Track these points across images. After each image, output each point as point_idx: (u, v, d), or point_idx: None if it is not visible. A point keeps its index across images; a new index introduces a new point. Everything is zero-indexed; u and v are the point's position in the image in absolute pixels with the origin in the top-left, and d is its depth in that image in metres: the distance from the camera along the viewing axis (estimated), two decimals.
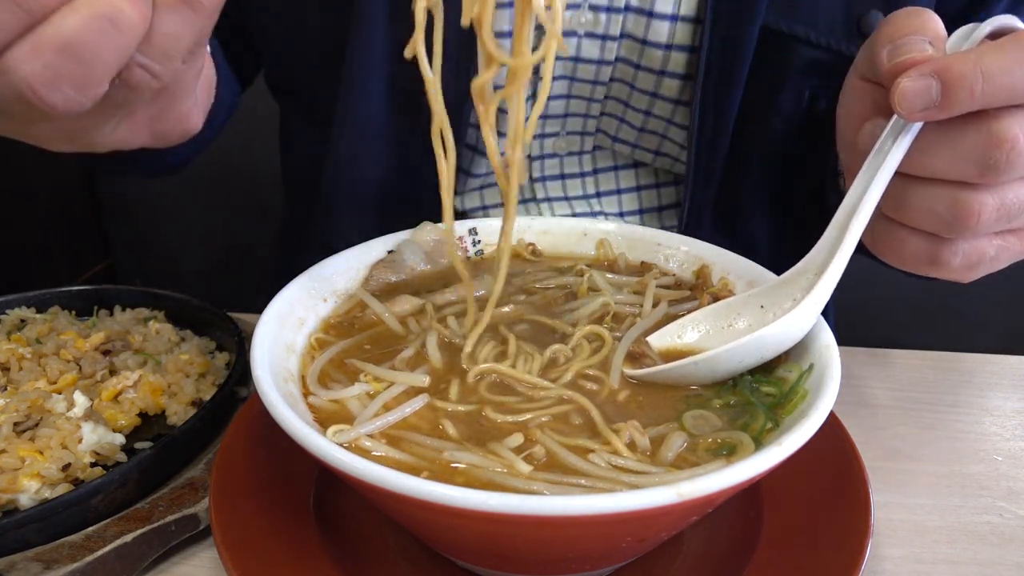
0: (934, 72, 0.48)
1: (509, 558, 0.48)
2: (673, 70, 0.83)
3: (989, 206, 0.50)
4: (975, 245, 0.54)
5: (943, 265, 0.55)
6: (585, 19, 0.81)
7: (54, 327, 0.80)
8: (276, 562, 0.53)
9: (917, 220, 0.54)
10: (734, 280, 0.68)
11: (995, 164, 0.48)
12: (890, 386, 0.84)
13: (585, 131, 0.93)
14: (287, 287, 0.61)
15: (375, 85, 0.84)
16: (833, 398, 0.49)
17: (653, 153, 0.93)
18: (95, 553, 0.55)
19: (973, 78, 0.47)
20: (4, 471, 0.59)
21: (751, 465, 0.42)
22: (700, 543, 0.57)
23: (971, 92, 0.47)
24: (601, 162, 0.96)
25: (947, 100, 0.48)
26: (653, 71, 0.84)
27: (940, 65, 0.48)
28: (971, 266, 0.55)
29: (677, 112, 0.87)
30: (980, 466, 0.72)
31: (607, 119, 0.91)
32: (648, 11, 0.80)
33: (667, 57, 0.82)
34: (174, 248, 1.78)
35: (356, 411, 0.53)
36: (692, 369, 0.56)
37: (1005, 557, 0.61)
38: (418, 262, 0.72)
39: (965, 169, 0.50)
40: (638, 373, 0.57)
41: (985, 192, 0.51)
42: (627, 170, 0.97)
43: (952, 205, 0.51)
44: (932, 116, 0.50)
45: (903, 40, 0.52)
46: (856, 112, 0.59)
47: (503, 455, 0.48)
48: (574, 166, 0.96)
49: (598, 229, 0.77)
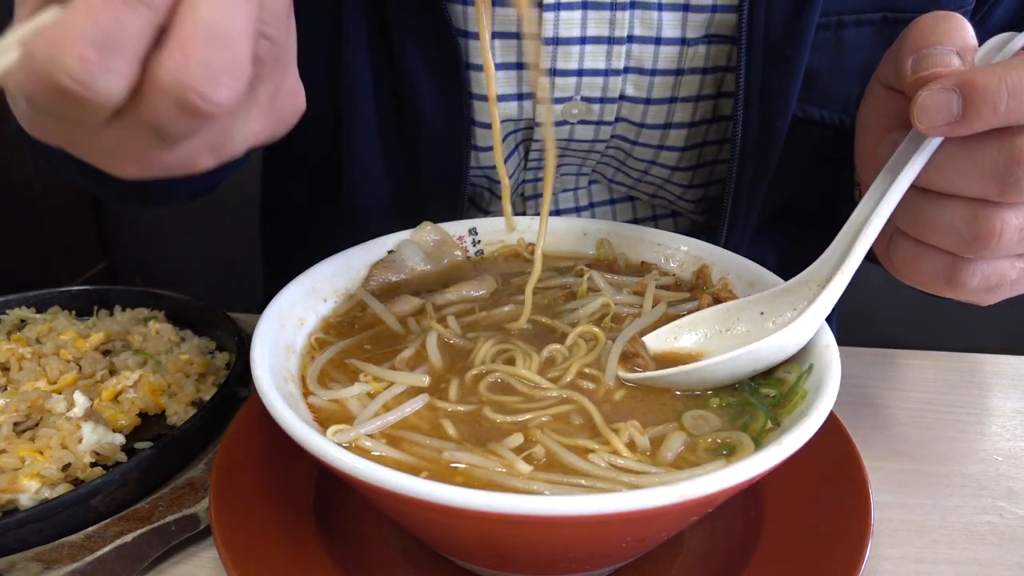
0: (957, 86, 0.46)
1: (509, 558, 0.48)
2: (672, 144, 0.82)
3: (1011, 225, 0.48)
4: (995, 266, 0.51)
5: (960, 286, 0.52)
6: (577, 110, 0.80)
7: (54, 327, 0.80)
8: (276, 562, 0.53)
9: (935, 237, 0.52)
10: (734, 280, 0.68)
11: (1017, 182, 0.46)
12: (890, 386, 0.84)
13: (581, 172, 0.92)
14: (287, 287, 0.61)
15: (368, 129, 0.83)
16: (833, 398, 0.49)
17: (650, 196, 0.93)
18: (95, 553, 0.55)
19: (998, 94, 0.44)
20: (4, 471, 0.59)
21: (751, 465, 0.42)
22: (700, 543, 0.57)
23: (994, 109, 0.45)
24: (597, 196, 0.96)
25: (968, 116, 0.46)
26: (651, 146, 0.83)
27: (963, 79, 0.46)
28: (990, 288, 0.52)
29: (675, 175, 0.86)
30: (980, 466, 0.72)
31: (604, 166, 0.90)
32: (645, 99, 0.79)
33: (666, 135, 0.81)
34: (174, 248, 1.78)
35: (356, 411, 0.53)
36: (683, 378, 0.55)
37: (1005, 557, 0.61)
38: (418, 262, 0.72)
39: (986, 186, 0.48)
40: (631, 377, 0.57)
41: (1007, 210, 0.48)
42: (624, 203, 0.96)
43: (972, 222, 0.49)
44: (952, 132, 0.47)
45: (929, 50, 0.50)
46: (876, 122, 0.57)
47: (503, 455, 0.48)
48: (569, 202, 0.95)
49: (598, 229, 0.77)
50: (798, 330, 0.54)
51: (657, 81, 0.78)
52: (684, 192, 0.90)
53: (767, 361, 0.55)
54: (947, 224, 0.50)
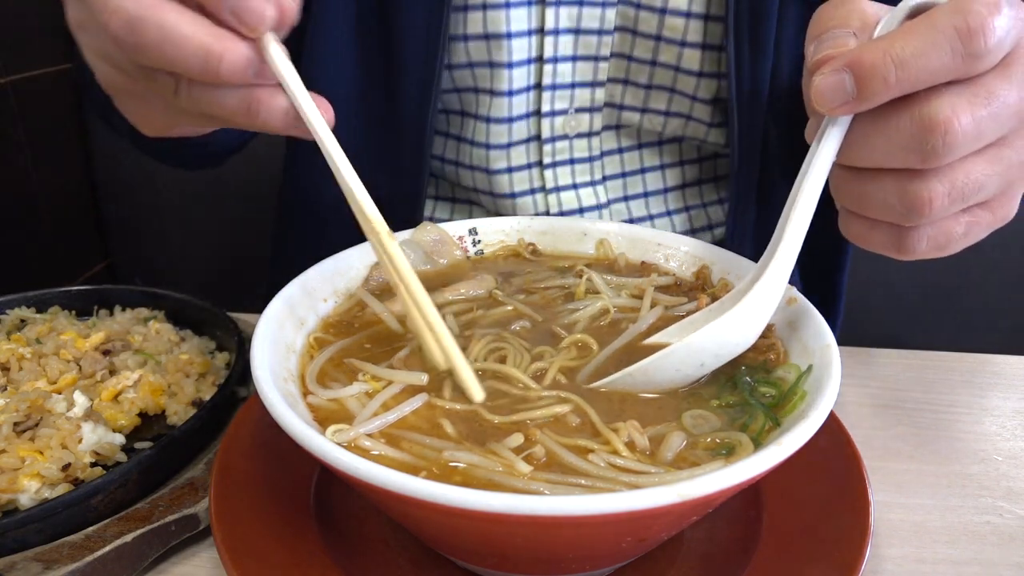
0: (847, 66, 0.47)
1: (509, 558, 0.48)
2: (675, 7, 0.85)
3: (939, 192, 0.49)
4: (939, 228, 0.52)
5: (911, 251, 0.53)
6: None
7: (54, 327, 0.80)
8: (276, 562, 0.53)
9: (874, 212, 0.53)
10: (735, 280, 0.68)
11: (933, 149, 0.47)
12: (890, 386, 0.84)
13: (593, 106, 0.94)
14: (287, 287, 0.61)
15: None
16: (833, 398, 0.49)
17: (663, 115, 0.93)
18: (95, 553, 0.55)
19: (885, 67, 0.45)
20: (4, 471, 0.59)
21: (751, 465, 0.42)
22: (700, 543, 0.57)
23: (885, 81, 0.46)
24: (607, 144, 0.98)
25: (863, 92, 0.47)
26: (654, 9, 0.85)
27: (851, 58, 0.47)
28: (941, 247, 0.53)
29: (683, 56, 0.88)
30: (980, 466, 0.72)
31: (612, 85, 0.93)
32: None
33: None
34: (174, 248, 1.78)
35: (355, 410, 0.53)
36: (629, 380, 0.55)
37: (1005, 557, 0.61)
38: (418, 262, 0.72)
39: (906, 157, 0.48)
40: (595, 385, 0.56)
41: (933, 178, 0.49)
42: (632, 152, 0.98)
43: (903, 196, 0.50)
44: (853, 109, 0.49)
45: (826, 35, 0.51)
46: (808, 108, 0.58)
47: (503, 455, 0.48)
48: (583, 149, 0.97)
49: (598, 229, 0.77)
50: (731, 321, 0.54)
51: None
52: (695, 89, 0.90)
53: (712, 354, 0.55)
54: (882, 200, 0.51)
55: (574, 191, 0.98)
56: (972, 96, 0.46)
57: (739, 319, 0.55)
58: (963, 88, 0.47)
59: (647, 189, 1.01)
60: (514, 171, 0.97)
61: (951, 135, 0.46)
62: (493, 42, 0.87)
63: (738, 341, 0.56)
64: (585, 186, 0.99)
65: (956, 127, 0.46)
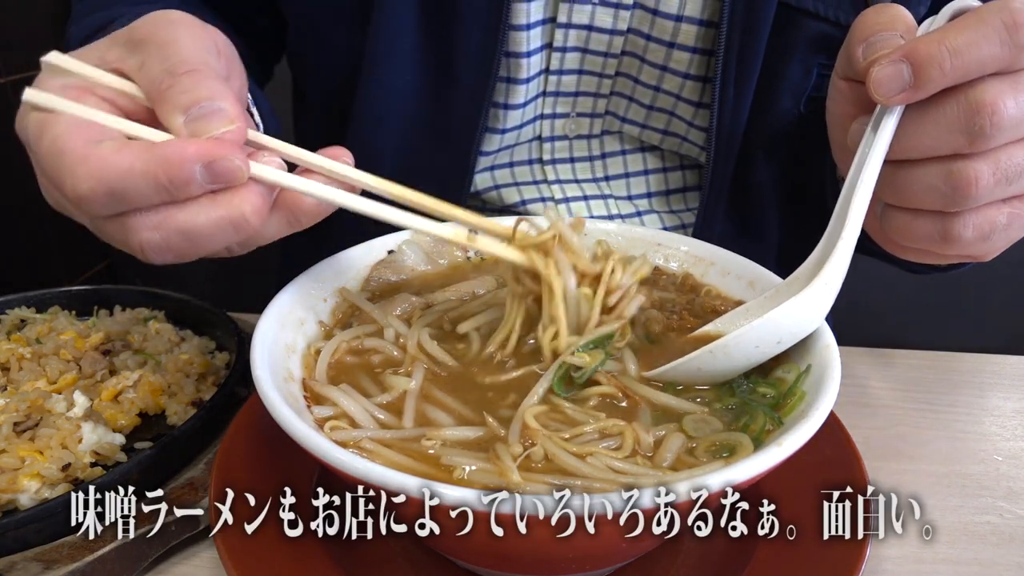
0: (903, 56, 0.50)
1: (509, 558, 0.48)
2: (683, 42, 0.85)
3: (985, 172, 0.51)
4: (983, 214, 0.54)
5: (956, 240, 0.55)
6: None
7: (54, 327, 0.80)
8: (276, 562, 0.53)
9: (918, 200, 0.55)
10: (734, 280, 0.68)
11: (981, 129, 0.50)
12: (890, 386, 0.84)
13: (595, 112, 0.95)
14: (287, 287, 0.61)
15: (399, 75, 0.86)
16: (833, 398, 0.49)
17: (661, 133, 0.94)
18: (95, 553, 0.55)
19: (941, 55, 0.49)
20: (4, 471, 0.59)
21: (751, 465, 0.42)
22: (700, 543, 0.57)
23: (941, 68, 0.49)
24: (609, 146, 0.98)
25: (920, 80, 0.50)
26: (663, 42, 0.85)
27: (908, 49, 0.50)
28: (985, 237, 0.55)
29: (686, 87, 0.88)
30: (980, 466, 0.72)
31: (616, 99, 0.93)
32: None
33: (677, 29, 0.84)
34: None
35: (354, 411, 0.53)
36: (708, 358, 0.55)
37: (1005, 557, 0.61)
38: (418, 262, 0.72)
39: (953, 140, 0.51)
40: (653, 373, 0.57)
41: (979, 159, 0.51)
42: (634, 154, 0.99)
43: (948, 177, 0.52)
44: (909, 97, 0.51)
45: (876, 36, 0.54)
46: (843, 112, 0.60)
47: (502, 456, 0.48)
48: (583, 149, 0.98)
49: (598, 229, 0.77)
50: (811, 296, 0.54)
51: None
52: (693, 116, 0.90)
53: (789, 331, 0.55)
54: (927, 185, 0.53)
55: (577, 184, 0.99)
56: (1017, 83, 0.50)
57: (814, 297, 0.55)
58: (1008, 77, 0.50)
59: (631, 192, 1.01)
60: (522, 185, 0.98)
61: (997, 115, 0.49)
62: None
63: (811, 319, 0.56)
64: (589, 182, 0.99)
65: (1002, 108, 0.49)
